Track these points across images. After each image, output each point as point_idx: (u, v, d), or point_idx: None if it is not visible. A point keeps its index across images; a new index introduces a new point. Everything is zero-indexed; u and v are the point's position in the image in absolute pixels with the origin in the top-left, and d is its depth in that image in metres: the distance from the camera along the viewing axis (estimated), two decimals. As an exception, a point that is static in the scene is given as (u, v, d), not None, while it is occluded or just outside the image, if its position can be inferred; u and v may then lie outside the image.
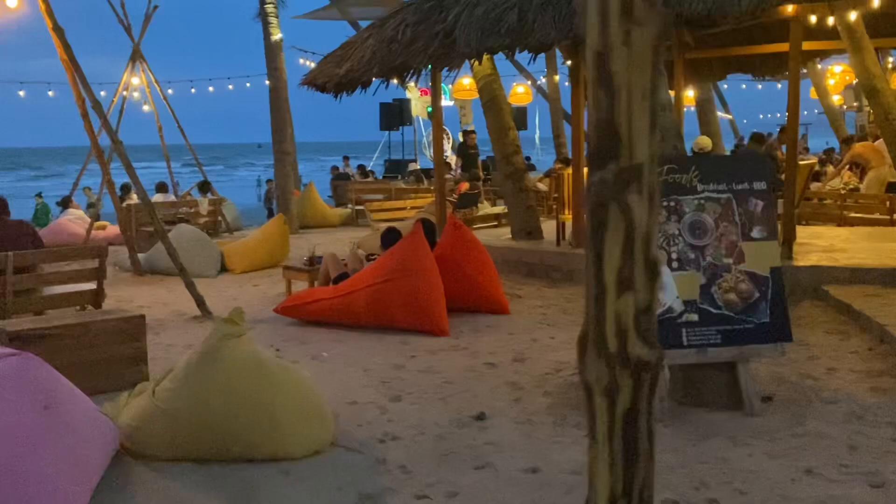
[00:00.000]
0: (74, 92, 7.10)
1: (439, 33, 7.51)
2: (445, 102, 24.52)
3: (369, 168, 22.48)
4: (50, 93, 16.72)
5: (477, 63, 9.58)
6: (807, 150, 18.62)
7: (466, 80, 16.69)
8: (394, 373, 5.23)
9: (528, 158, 27.50)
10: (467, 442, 3.95)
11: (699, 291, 4.33)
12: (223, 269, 9.52)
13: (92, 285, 6.64)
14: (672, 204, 4.41)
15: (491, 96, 9.76)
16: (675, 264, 4.36)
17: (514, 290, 8.01)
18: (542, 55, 18.08)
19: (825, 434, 3.95)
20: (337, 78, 8.49)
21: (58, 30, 6.59)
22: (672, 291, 4.33)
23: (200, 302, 6.96)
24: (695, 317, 4.30)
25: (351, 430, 4.13)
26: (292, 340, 6.17)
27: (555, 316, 6.89)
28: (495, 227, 11.31)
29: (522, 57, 10.68)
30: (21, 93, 19.84)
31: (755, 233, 4.42)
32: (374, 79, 8.37)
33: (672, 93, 11.74)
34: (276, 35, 13.57)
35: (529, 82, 20.50)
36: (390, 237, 6.83)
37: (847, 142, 12.88)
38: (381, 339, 6.13)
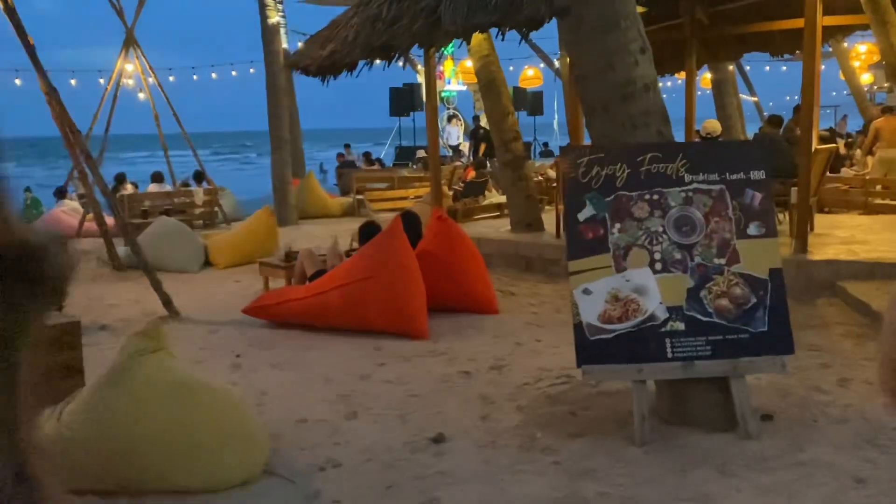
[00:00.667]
0: (39, 77, 6.70)
1: (424, 10, 6.97)
2: (459, 87, 24.00)
3: (381, 156, 22.01)
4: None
5: (472, 43, 9.09)
6: (833, 131, 17.73)
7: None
8: (357, 384, 4.77)
9: (545, 144, 26.92)
10: (417, 471, 3.48)
11: (686, 296, 3.81)
12: (208, 263, 9.12)
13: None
14: (656, 197, 3.88)
15: (489, 79, 9.21)
16: (658, 266, 3.84)
17: (507, 286, 7.51)
18: (556, 36, 17.39)
19: (829, 462, 3.42)
20: (320, 60, 8.01)
21: (9, 11, 6.19)
22: (655, 297, 3.81)
23: (167, 302, 6.56)
24: (681, 325, 3.78)
25: (291, 455, 3.68)
26: (257, 345, 5.74)
27: (546, 316, 6.39)
28: (497, 217, 10.78)
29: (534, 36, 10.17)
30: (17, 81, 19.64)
31: (752, 229, 3.88)
32: (358, 60, 7.88)
33: (683, 74, 11.11)
34: (273, 17, 13.11)
35: (542, 64, 19.85)
36: (368, 232, 6.37)
37: (887, 112, 11.86)
38: (354, 343, 5.68)
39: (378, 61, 7.95)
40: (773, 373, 4.01)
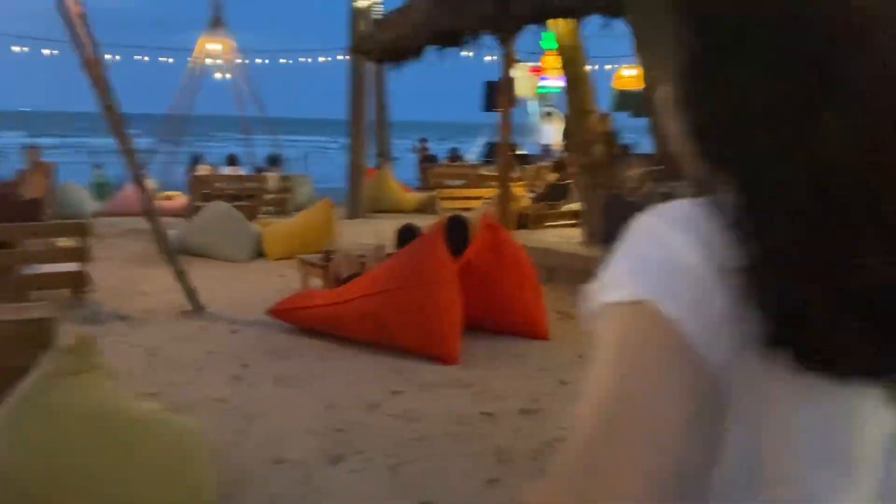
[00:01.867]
0: (82, 49, 6.36)
1: (494, -8, 6.23)
2: (561, 83, 23.01)
3: (469, 151, 21.36)
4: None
5: (558, 33, 8.26)
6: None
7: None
8: (359, 416, 4.10)
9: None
10: (384, 551, 2.77)
11: None
12: (261, 253, 8.69)
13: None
14: None
15: (572, 72, 8.36)
16: None
17: (567, 307, 6.66)
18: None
19: None
20: (383, 45, 7.41)
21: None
22: None
23: (191, 294, 6.11)
24: None
25: (246, 507, 3.05)
26: (270, 353, 5.17)
27: (604, 347, 5.52)
28: (574, 225, 9.88)
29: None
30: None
31: None
32: (424, 47, 7.22)
33: None
34: (361, 1, 12.64)
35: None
36: (406, 236, 5.69)
37: None
38: (375, 361, 5.02)
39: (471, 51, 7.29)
40: None
